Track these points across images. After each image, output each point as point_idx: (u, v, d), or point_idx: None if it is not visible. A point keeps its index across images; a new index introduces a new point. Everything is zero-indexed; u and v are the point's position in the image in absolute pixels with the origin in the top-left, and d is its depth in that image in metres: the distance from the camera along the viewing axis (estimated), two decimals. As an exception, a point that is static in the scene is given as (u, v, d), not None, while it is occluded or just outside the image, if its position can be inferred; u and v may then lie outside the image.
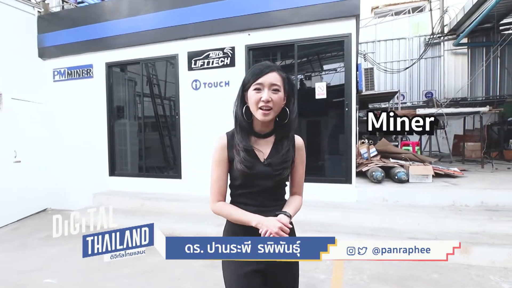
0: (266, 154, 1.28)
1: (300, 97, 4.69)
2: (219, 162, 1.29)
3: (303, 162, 1.38)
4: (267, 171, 1.25)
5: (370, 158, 5.26)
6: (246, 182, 1.26)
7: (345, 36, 4.42)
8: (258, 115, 1.21)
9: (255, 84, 1.21)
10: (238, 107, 1.28)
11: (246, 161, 1.22)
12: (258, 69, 1.23)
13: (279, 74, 1.23)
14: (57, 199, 6.09)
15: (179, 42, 5.24)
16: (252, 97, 1.21)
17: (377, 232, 3.67)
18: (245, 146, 1.24)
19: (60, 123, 6.10)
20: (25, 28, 5.96)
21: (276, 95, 1.21)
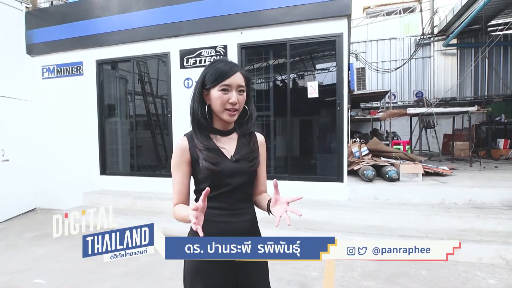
0: (231, 151, 1.25)
1: (292, 96, 4.72)
2: (178, 166, 1.23)
3: (265, 159, 1.37)
4: (238, 167, 1.21)
5: (362, 157, 5.31)
6: (215, 182, 1.19)
7: (337, 36, 4.45)
8: (225, 116, 1.19)
9: (222, 85, 1.17)
10: (197, 106, 1.23)
11: (211, 159, 1.18)
12: (224, 69, 1.18)
13: (242, 74, 1.21)
14: (47, 199, 6.00)
15: (171, 40, 5.21)
16: (218, 98, 1.18)
17: (368, 230, 3.71)
18: (206, 145, 1.21)
19: (50, 121, 6.00)
20: (13, 24, 5.84)
21: (242, 96, 1.20)
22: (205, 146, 1.20)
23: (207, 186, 1.17)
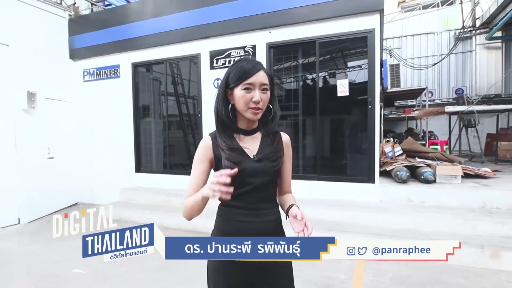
0: (254, 151, 1.24)
1: (321, 95, 4.65)
2: (199, 162, 1.25)
3: (291, 159, 1.37)
4: (260, 166, 1.21)
5: (395, 157, 5.11)
6: (236, 181, 1.15)
7: (368, 32, 4.31)
8: (249, 114, 1.20)
9: (245, 83, 1.17)
10: (221, 105, 1.24)
11: (234, 158, 1.19)
12: (247, 67, 1.18)
13: (266, 73, 1.21)
14: (87, 194, 6.39)
15: (201, 42, 5.33)
16: (241, 97, 1.18)
17: (400, 233, 3.57)
18: (229, 145, 1.22)
19: (90, 121, 6.38)
20: (57, 31, 6.27)
21: (265, 94, 1.19)
22: (228, 146, 1.21)
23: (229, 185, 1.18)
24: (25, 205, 5.05)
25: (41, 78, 5.53)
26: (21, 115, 5.07)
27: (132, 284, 2.96)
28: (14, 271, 3.31)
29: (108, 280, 3.04)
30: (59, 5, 6.47)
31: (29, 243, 4.15)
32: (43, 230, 4.67)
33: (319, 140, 4.73)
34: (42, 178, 5.44)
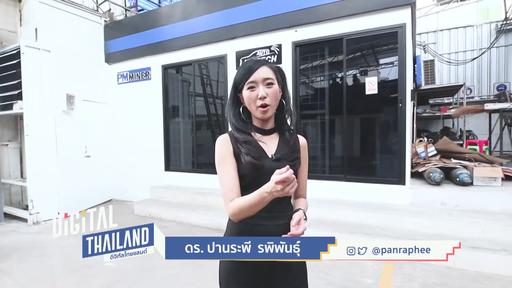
0: (272, 150, 1.22)
1: (349, 93, 4.53)
2: (224, 158, 1.19)
3: (307, 162, 1.33)
4: (279, 166, 1.12)
5: (428, 157, 4.86)
6: (255, 180, 1.14)
7: (399, 27, 4.14)
8: (258, 113, 1.18)
9: (248, 83, 1.17)
10: (231, 110, 1.24)
11: (251, 151, 1.16)
12: (247, 66, 1.18)
13: (269, 67, 1.19)
14: (120, 191, 6.71)
15: (228, 42, 5.39)
16: (248, 97, 1.18)
17: (432, 238, 3.38)
18: (245, 138, 1.19)
19: (123, 122, 6.69)
20: (94, 36, 6.63)
21: (271, 89, 1.17)
22: (245, 139, 1.19)
23: (246, 184, 1.18)
24: (64, 201, 5.39)
25: (79, 81, 5.88)
26: (61, 116, 5.42)
27: (160, 278, 3.06)
28: (53, 262, 3.55)
29: (138, 273, 3.16)
30: (96, 12, 6.85)
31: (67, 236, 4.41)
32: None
33: (346, 140, 4.61)
34: (80, 176, 5.79)
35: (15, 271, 3.26)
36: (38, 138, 5.14)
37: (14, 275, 3.17)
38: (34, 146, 5.10)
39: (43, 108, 5.23)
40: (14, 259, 3.57)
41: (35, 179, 5.10)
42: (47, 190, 5.21)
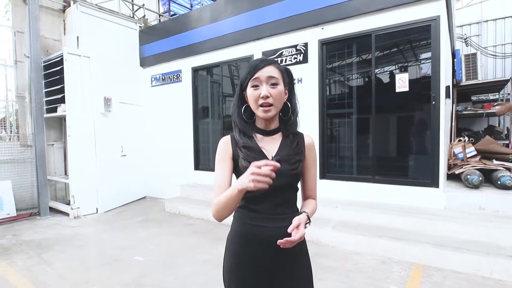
0: (273, 152, 1.20)
1: (377, 91, 4.35)
2: (221, 160, 1.21)
3: (315, 163, 1.29)
4: (278, 168, 1.11)
5: (466, 159, 4.53)
6: None
7: (432, 20, 3.89)
8: (259, 112, 1.16)
9: (252, 80, 1.15)
10: (235, 108, 1.23)
11: (249, 156, 1.16)
12: (253, 64, 1.16)
13: (276, 67, 1.16)
14: (154, 189, 7.02)
15: (254, 43, 5.41)
16: (251, 95, 1.16)
17: (467, 245, 3.15)
18: (244, 143, 1.19)
19: (156, 122, 6.98)
20: (130, 41, 7.00)
21: (275, 89, 1.14)
22: (244, 144, 1.18)
23: None
24: (102, 197, 5.76)
25: (115, 84, 6.23)
26: (99, 118, 5.78)
27: (182, 274, 3.16)
28: (89, 254, 3.80)
29: (161, 268, 3.29)
30: (131, 19, 7.22)
31: (103, 230, 4.71)
32: (115, 220, 5.26)
33: (375, 140, 4.43)
34: (116, 174, 6.14)
35: (56, 261, 3.54)
36: (79, 139, 5.54)
37: (54, 265, 3.45)
38: (76, 146, 5.50)
39: (83, 110, 5.62)
40: (56, 250, 3.88)
41: (76, 176, 5.50)
42: (87, 186, 5.59)
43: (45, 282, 3.05)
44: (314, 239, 3.91)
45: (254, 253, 1.19)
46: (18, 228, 4.85)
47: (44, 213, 5.50)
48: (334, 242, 3.78)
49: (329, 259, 3.42)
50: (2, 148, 5.48)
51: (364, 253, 3.53)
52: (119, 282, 3.03)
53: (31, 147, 5.73)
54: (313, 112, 4.78)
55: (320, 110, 4.75)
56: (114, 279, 3.08)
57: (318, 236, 3.89)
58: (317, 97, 4.75)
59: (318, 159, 4.65)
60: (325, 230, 3.86)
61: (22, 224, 5.08)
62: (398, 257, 3.34)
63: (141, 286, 2.94)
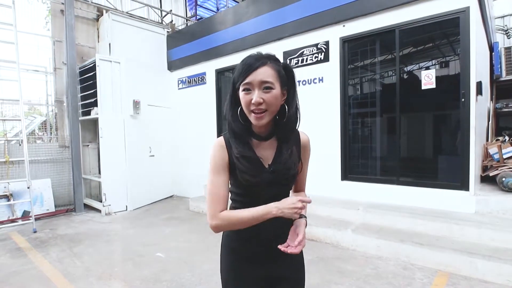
0: (270, 159, 1.14)
1: (402, 89, 4.17)
2: (218, 168, 1.11)
3: (307, 160, 1.27)
4: (275, 178, 1.12)
5: (503, 160, 4.19)
6: (249, 191, 1.14)
7: (461, 12, 3.66)
8: (252, 119, 1.07)
9: (243, 84, 1.04)
10: (229, 109, 1.13)
11: (248, 169, 1.09)
12: (246, 64, 1.04)
13: (271, 67, 1.04)
14: (181, 188, 7.24)
15: (275, 43, 5.40)
16: (242, 99, 1.06)
17: (499, 253, 2.92)
18: (241, 152, 1.09)
19: (182, 124, 7.20)
20: (158, 46, 7.28)
21: (269, 94, 1.03)
22: (240, 153, 1.09)
23: (240, 192, 1.17)
24: (131, 195, 6.04)
25: (144, 88, 6.51)
26: (128, 120, 6.07)
27: (199, 271, 3.23)
28: (114, 249, 4.01)
29: (180, 265, 3.39)
30: (159, 25, 7.52)
31: (130, 227, 4.95)
32: (142, 217, 5.50)
33: (399, 140, 4.24)
34: (145, 173, 6.41)
35: (84, 255, 3.77)
36: (110, 140, 5.86)
37: (83, 258, 3.68)
38: (107, 147, 5.82)
39: (114, 113, 5.94)
40: (86, 244, 4.14)
41: (107, 175, 5.82)
42: (117, 185, 5.89)
43: (74, 273, 3.26)
44: (333, 242, 3.83)
45: (249, 250, 1.20)
46: (56, 223, 5.23)
47: (79, 209, 5.89)
48: (354, 245, 3.67)
49: (348, 263, 3.32)
50: (42, 149, 5.95)
51: (385, 257, 3.40)
52: (139, 276, 3.16)
53: (68, 148, 6.16)
54: (334, 112, 4.68)
55: (341, 109, 4.64)
56: (135, 274, 3.23)
57: (338, 238, 3.80)
58: (339, 96, 4.64)
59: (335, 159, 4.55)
60: (345, 232, 3.76)
61: (59, 219, 5.47)
62: (422, 263, 3.18)
63: (159, 281, 3.05)
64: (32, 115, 7.06)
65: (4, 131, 5.56)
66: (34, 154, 5.73)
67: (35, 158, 5.76)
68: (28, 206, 5.26)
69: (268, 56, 1.08)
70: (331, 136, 4.70)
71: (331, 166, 4.71)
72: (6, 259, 3.67)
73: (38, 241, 4.30)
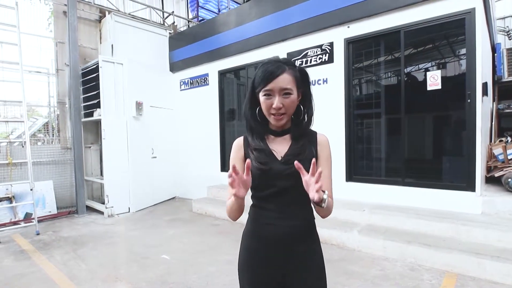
0: (283, 152, 1.20)
1: (407, 90, 4.17)
2: (234, 161, 1.26)
3: (327, 161, 1.26)
4: (286, 169, 1.16)
5: (508, 160, 4.19)
6: (263, 182, 1.19)
7: (467, 13, 3.66)
8: (271, 120, 1.18)
9: (264, 90, 1.13)
10: (248, 109, 1.24)
11: (260, 158, 1.19)
12: (268, 72, 1.13)
13: (290, 74, 1.13)
14: (183, 189, 7.22)
15: (279, 45, 5.40)
16: (263, 103, 1.16)
17: (507, 254, 2.92)
18: (256, 146, 1.21)
19: (184, 125, 7.18)
20: (160, 48, 7.28)
21: (288, 99, 1.13)
22: (255, 147, 1.21)
23: (255, 185, 1.20)
24: (134, 197, 6.01)
25: (146, 89, 6.48)
26: (131, 121, 6.05)
27: (204, 273, 3.21)
28: (119, 251, 3.99)
29: (186, 267, 3.37)
30: (162, 26, 7.52)
31: (133, 228, 4.92)
32: (145, 219, 5.48)
33: (405, 141, 4.23)
34: (147, 175, 6.39)
35: (89, 257, 3.75)
36: (113, 141, 5.83)
37: (87, 260, 3.65)
38: (110, 148, 5.80)
39: (117, 114, 5.92)
40: (89, 247, 4.11)
41: (110, 177, 5.79)
42: (120, 187, 5.87)
43: (78, 276, 3.24)
44: (339, 243, 3.81)
45: (265, 249, 1.21)
46: (58, 225, 5.20)
47: (81, 211, 5.85)
48: (360, 246, 3.66)
49: (354, 264, 3.31)
50: (45, 150, 5.92)
51: (392, 259, 3.38)
52: (145, 279, 3.14)
53: (70, 149, 6.13)
54: (338, 113, 4.68)
55: (346, 110, 4.64)
56: (140, 276, 3.20)
57: (344, 239, 3.79)
58: (343, 98, 4.63)
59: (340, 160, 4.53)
60: (350, 234, 3.75)
61: (61, 221, 5.44)
62: (429, 265, 3.17)
63: (165, 283, 3.03)
64: (33, 117, 7.03)
65: (7, 133, 5.54)
66: (36, 156, 5.69)
67: (37, 160, 5.73)
68: (30, 208, 5.23)
69: (286, 61, 1.16)
70: (335, 137, 4.68)
71: (336, 167, 4.64)
72: (10, 262, 3.64)
73: (41, 243, 4.27)
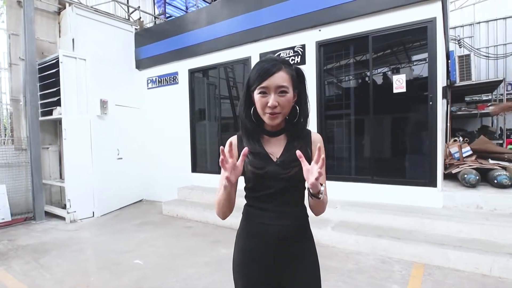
0: (278, 154, 1.19)
1: (375, 92, 4.39)
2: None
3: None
4: (282, 171, 1.16)
5: (463, 158, 4.59)
6: (258, 184, 1.19)
7: (428, 22, 3.95)
8: (266, 119, 1.16)
9: (260, 87, 1.11)
10: (243, 108, 1.21)
11: (255, 162, 1.17)
12: (263, 69, 1.11)
13: (286, 73, 1.12)
14: (151, 192, 6.96)
15: (251, 45, 5.42)
16: (258, 101, 1.14)
17: (467, 243, 3.19)
18: (252, 149, 1.18)
19: (152, 125, 6.94)
20: (125, 44, 6.96)
21: (284, 97, 1.11)
22: (251, 150, 1.17)
23: (251, 186, 1.22)
24: (98, 201, 5.68)
25: (111, 87, 6.17)
26: (95, 121, 5.72)
27: (183, 276, 3.13)
28: (87, 258, 3.75)
29: (163, 272, 3.26)
30: (127, 21, 7.19)
31: (100, 234, 4.66)
32: (111, 223, 5.21)
33: (373, 140, 4.46)
34: (113, 177, 6.07)
35: (53, 266, 3.48)
36: (75, 141, 5.47)
37: (52, 269, 3.39)
38: (72, 149, 5.43)
39: (79, 113, 5.57)
40: (53, 255, 3.82)
41: (72, 180, 5.43)
42: (83, 190, 5.52)
43: (43, 286, 3.00)
44: (314, 240, 3.91)
45: (260, 250, 1.20)
46: (14, 233, 4.77)
47: (39, 217, 5.41)
48: (334, 242, 3.79)
49: (330, 260, 3.42)
50: (-4, 152, 5.40)
51: (365, 253, 3.55)
52: (119, 285, 2.99)
53: (25, 151, 5.65)
54: (311, 113, 4.79)
55: (318, 111, 4.78)
56: (114, 283, 3.04)
57: (318, 236, 3.89)
58: (315, 99, 4.77)
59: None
60: (325, 230, 3.87)
61: (17, 229, 4.99)
62: (399, 257, 3.37)
63: (142, 289, 2.91)
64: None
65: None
66: (-15, 158, 5.18)
67: (-13, 162, 5.22)
68: (-20, 216, 4.74)
69: (283, 61, 1.15)
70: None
71: (308, 166, 4.82)
72: (-39, 276, 3.28)
73: (-4, 253, 3.90)
